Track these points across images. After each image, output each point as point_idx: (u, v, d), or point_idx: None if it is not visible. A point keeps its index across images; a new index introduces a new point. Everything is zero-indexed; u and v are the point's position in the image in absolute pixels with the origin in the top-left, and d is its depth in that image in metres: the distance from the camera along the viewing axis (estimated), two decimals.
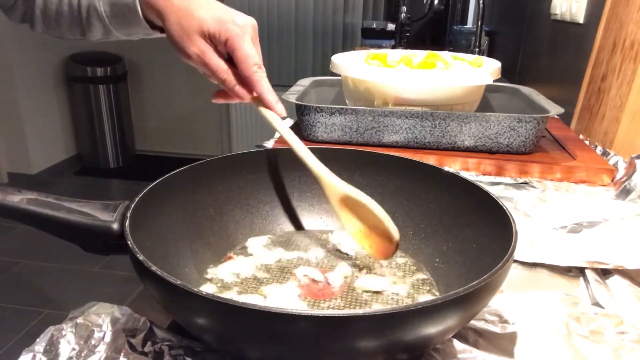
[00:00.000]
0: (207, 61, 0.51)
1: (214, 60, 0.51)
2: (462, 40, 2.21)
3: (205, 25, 0.50)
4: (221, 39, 0.50)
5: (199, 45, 0.51)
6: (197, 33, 0.50)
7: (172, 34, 0.52)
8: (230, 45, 0.50)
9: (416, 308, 0.30)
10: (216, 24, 0.50)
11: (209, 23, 0.50)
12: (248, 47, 0.51)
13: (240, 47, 0.50)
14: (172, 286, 0.32)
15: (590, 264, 0.51)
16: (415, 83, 0.81)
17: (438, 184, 0.52)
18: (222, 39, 0.50)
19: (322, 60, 3.04)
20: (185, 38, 0.51)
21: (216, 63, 0.51)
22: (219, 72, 0.51)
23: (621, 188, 0.69)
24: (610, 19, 0.91)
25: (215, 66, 0.51)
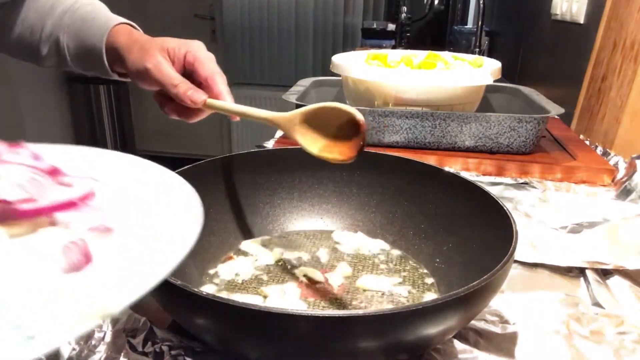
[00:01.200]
0: (162, 71, 0.51)
1: (169, 70, 0.51)
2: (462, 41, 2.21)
3: (166, 43, 0.53)
4: (180, 52, 0.52)
5: (156, 58, 0.51)
6: (156, 50, 0.52)
7: (132, 61, 0.53)
8: (189, 57, 0.52)
9: (416, 308, 0.30)
10: (176, 42, 0.53)
11: (169, 41, 0.53)
12: (207, 54, 0.53)
13: (199, 56, 0.52)
14: (173, 286, 0.32)
15: (590, 265, 0.51)
16: (415, 83, 0.81)
17: (438, 184, 0.52)
18: (181, 52, 0.52)
19: (322, 61, 3.04)
20: (143, 56, 0.52)
21: (170, 73, 0.51)
22: (173, 79, 0.51)
23: (621, 188, 0.69)
24: (611, 19, 0.91)
25: (169, 76, 0.51)
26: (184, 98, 0.51)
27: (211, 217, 0.52)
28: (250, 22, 3.00)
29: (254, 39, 3.04)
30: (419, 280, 0.49)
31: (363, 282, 0.48)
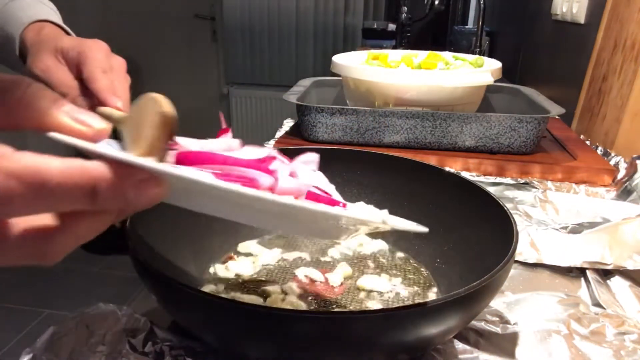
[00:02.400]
0: (50, 76, 0.45)
1: (57, 74, 0.45)
2: (462, 41, 2.21)
3: (61, 42, 0.46)
4: (74, 52, 0.45)
5: (45, 62, 0.45)
6: (49, 51, 0.46)
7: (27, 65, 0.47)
8: (82, 56, 0.45)
9: (417, 308, 0.30)
10: (72, 42, 0.46)
11: (65, 41, 0.46)
12: (98, 54, 0.45)
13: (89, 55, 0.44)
14: (173, 286, 0.32)
15: (591, 265, 0.51)
16: (416, 83, 0.80)
17: (439, 184, 0.52)
18: (75, 52, 0.45)
19: (322, 61, 3.04)
20: (34, 60, 0.46)
21: (58, 77, 0.45)
22: (60, 86, 0.45)
23: (622, 188, 0.69)
24: (611, 20, 0.91)
25: (57, 80, 0.45)
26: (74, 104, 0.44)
27: (212, 217, 0.52)
28: (251, 22, 3.01)
29: (254, 39, 3.04)
30: (420, 281, 0.49)
31: (363, 282, 0.48)
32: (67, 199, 0.20)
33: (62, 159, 0.20)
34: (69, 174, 0.20)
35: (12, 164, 0.19)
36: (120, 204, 0.22)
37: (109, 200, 0.21)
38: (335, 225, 0.30)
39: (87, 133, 0.24)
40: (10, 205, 0.19)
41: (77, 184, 0.20)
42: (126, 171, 0.21)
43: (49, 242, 0.21)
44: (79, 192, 0.20)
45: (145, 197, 0.22)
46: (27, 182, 0.19)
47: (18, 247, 0.21)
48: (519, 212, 0.64)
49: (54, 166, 0.19)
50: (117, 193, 0.21)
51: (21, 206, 0.19)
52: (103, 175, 0.20)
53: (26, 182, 0.19)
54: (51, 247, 0.22)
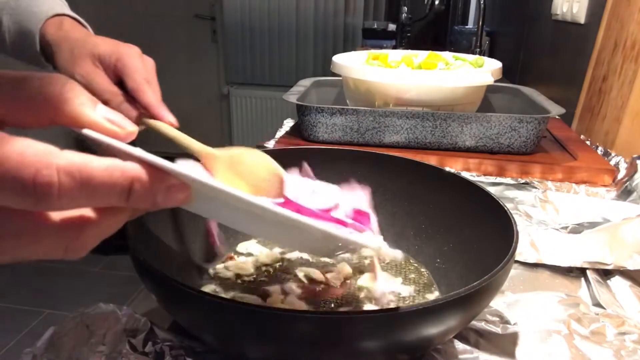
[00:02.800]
0: (91, 82, 0.47)
1: (98, 80, 0.47)
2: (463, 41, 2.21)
3: (97, 48, 0.48)
4: (112, 59, 0.48)
5: (85, 68, 0.48)
6: (87, 56, 0.48)
7: (61, 63, 0.49)
8: (120, 64, 0.47)
9: (417, 308, 0.30)
10: (109, 46, 0.48)
11: (101, 46, 0.48)
12: (137, 62, 0.47)
13: (129, 62, 0.47)
14: (173, 286, 0.32)
15: (591, 265, 0.51)
16: (416, 83, 0.80)
17: (439, 184, 0.52)
18: (112, 59, 0.48)
19: (322, 61, 3.04)
20: (72, 63, 0.48)
21: (100, 83, 0.47)
22: (103, 92, 0.47)
23: (622, 188, 0.69)
24: (612, 20, 0.91)
25: (99, 86, 0.47)
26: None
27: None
28: (251, 22, 3.01)
29: (254, 39, 3.04)
30: (420, 281, 0.49)
31: (363, 282, 0.48)
32: (106, 195, 0.22)
33: (102, 158, 0.21)
34: (111, 172, 0.21)
35: (62, 160, 0.20)
36: (148, 204, 0.23)
37: (140, 200, 0.23)
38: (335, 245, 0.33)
39: (119, 134, 0.25)
40: (59, 199, 0.20)
41: (117, 183, 0.22)
42: (160, 175, 0.23)
43: (80, 234, 0.23)
44: (117, 189, 0.22)
45: (171, 200, 0.24)
46: (76, 178, 0.20)
47: (52, 237, 0.22)
48: (519, 212, 0.64)
49: (98, 164, 0.21)
50: (149, 194, 0.23)
51: (67, 200, 0.21)
52: (140, 177, 0.22)
53: (75, 177, 0.20)
54: (81, 239, 0.23)
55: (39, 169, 0.20)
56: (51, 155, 0.20)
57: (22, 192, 0.20)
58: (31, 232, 0.22)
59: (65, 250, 0.23)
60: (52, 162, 0.20)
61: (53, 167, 0.20)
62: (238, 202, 0.26)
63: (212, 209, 0.30)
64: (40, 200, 0.20)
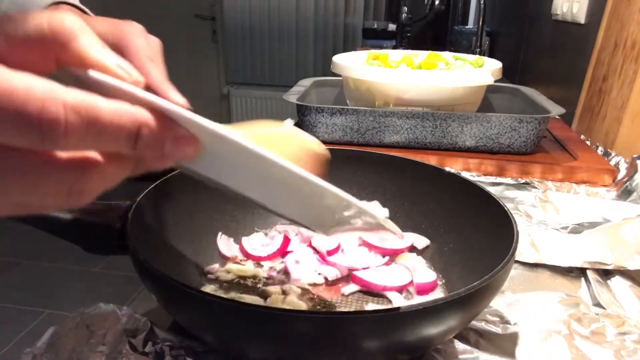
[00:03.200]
0: None
1: None
2: (463, 41, 2.21)
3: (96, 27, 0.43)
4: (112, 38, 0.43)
5: None
6: None
7: None
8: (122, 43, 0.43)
9: (417, 308, 0.30)
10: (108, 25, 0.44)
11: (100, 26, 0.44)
12: (140, 41, 0.43)
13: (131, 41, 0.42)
14: (173, 286, 0.31)
15: (591, 265, 0.51)
16: (416, 83, 0.80)
17: (439, 184, 0.52)
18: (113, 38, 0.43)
19: (323, 61, 3.05)
20: None
21: None
22: None
23: (622, 189, 0.69)
24: (612, 20, 0.91)
25: None
26: None
27: (211, 216, 0.52)
28: (251, 22, 3.01)
29: (254, 39, 3.04)
30: None
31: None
32: (113, 138, 0.21)
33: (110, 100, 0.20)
34: (119, 114, 0.20)
35: (69, 97, 0.19)
36: (155, 153, 0.22)
37: (147, 147, 0.22)
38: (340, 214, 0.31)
39: (126, 79, 0.24)
40: (65, 137, 0.19)
41: (125, 125, 0.21)
42: (169, 124, 0.22)
43: (85, 176, 0.22)
44: (125, 132, 0.21)
45: (179, 152, 0.23)
46: (84, 116, 0.19)
47: (57, 177, 0.21)
48: (519, 212, 0.64)
49: (106, 105, 0.20)
50: (156, 142, 0.22)
51: (74, 139, 0.20)
52: (148, 122, 0.21)
53: (82, 115, 0.19)
54: (86, 182, 0.22)
55: (45, 104, 0.19)
56: (58, 92, 0.19)
57: (26, 128, 0.19)
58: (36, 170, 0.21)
59: (68, 193, 0.21)
60: (59, 98, 0.19)
61: (60, 103, 0.19)
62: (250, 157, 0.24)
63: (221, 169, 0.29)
64: (46, 137, 0.19)
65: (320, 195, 0.28)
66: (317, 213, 0.32)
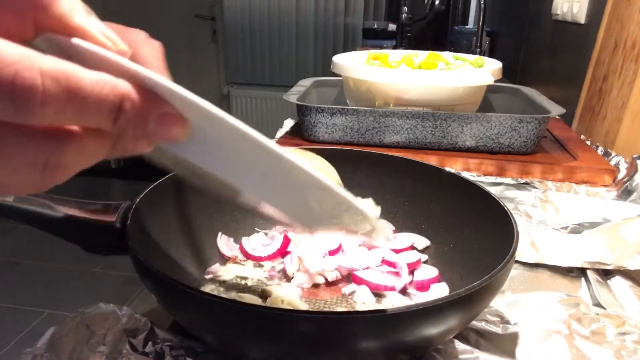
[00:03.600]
0: None
1: None
2: (463, 41, 2.21)
3: None
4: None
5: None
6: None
7: None
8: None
9: (417, 308, 0.30)
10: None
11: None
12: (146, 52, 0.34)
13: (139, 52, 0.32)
14: (173, 286, 0.31)
15: (591, 265, 0.51)
16: (416, 83, 0.80)
17: (439, 184, 0.52)
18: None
19: (323, 61, 3.04)
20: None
21: None
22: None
23: (622, 189, 0.69)
24: (612, 20, 0.90)
25: None
26: None
27: (211, 216, 0.52)
28: (251, 22, 3.01)
29: (254, 39, 3.04)
30: None
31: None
32: (94, 111, 0.19)
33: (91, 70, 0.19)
34: (101, 85, 0.19)
35: (46, 64, 0.17)
36: (137, 131, 0.21)
37: (129, 123, 0.20)
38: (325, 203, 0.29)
39: (111, 48, 0.22)
40: (41, 107, 0.17)
41: (106, 98, 0.19)
42: (155, 99, 0.20)
43: (63, 148, 0.20)
44: (106, 106, 0.19)
45: (164, 132, 0.21)
46: (63, 85, 0.18)
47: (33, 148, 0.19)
48: (519, 212, 0.64)
49: (87, 75, 0.18)
50: (139, 119, 0.20)
51: (51, 110, 0.18)
52: (130, 95, 0.20)
53: (62, 83, 0.18)
54: (63, 155, 0.20)
55: (19, 70, 0.17)
56: (34, 57, 0.17)
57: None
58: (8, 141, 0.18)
59: (44, 167, 0.19)
60: (35, 63, 0.17)
61: (36, 69, 0.17)
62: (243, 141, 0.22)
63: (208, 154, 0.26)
64: (20, 107, 0.17)
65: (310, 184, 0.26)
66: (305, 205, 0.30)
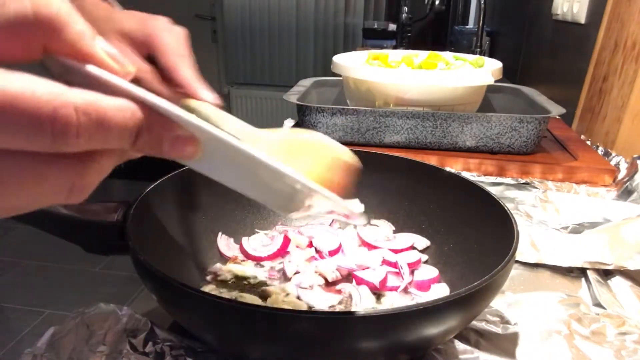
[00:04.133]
0: None
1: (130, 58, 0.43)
2: (463, 41, 2.21)
3: (123, 24, 0.44)
4: (140, 35, 0.44)
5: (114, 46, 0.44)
6: (112, 34, 0.44)
7: None
8: (150, 40, 0.43)
9: (417, 308, 0.30)
10: (135, 22, 0.44)
11: (127, 22, 0.44)
12: (168, 38, 0.44)
13: (159, 38, 0.43)
14: (173, 286, 0.31)
15: (591, 265, 0.51)
16: (416, 83, 0.80)
17: (439, 184, 0.52)
18: (141, 35, 0.44)
19: (323, 61, 3.04)
20: None
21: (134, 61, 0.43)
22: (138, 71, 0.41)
23: (623, 189, 0.69)
24: (612, 20, 0.90)
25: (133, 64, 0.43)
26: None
27: (212, 217, 0.52)
28: (251, 22, 3.01)
29: (254, 39, 3.04)
30: None
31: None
32: (117, 136, 0.20)
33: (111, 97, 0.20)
34: (123, 112, 0.20)
35: (78, 99, 0.19)
36: (152, 151, 0.23)
37: (145, 145, 0.22)
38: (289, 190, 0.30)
39: (119, 72, 0.23)
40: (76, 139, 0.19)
41: (128, 124, 0.20)
42: (169, 124, 0.22)
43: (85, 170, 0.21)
44: (127, 132, 0.21)
45: (177, 152, 0.23)
46: (93, 118, 0.19)
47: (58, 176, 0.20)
48: (519, 212, 0.64)
49: (110, 103, 0.20)
50: (155, 142, 0.22)
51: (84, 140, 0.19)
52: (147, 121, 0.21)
53: (92, 117, 0.19)
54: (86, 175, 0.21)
55: (57, 107, 0.18)
56: (67, 94, 0.19)
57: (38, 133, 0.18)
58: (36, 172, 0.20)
59: (70, 191, 0.21)
60: (69, 100, 0.19)
61: (70, 106, 0.19)
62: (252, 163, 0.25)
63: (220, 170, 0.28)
64: (57, 141, 0.19)
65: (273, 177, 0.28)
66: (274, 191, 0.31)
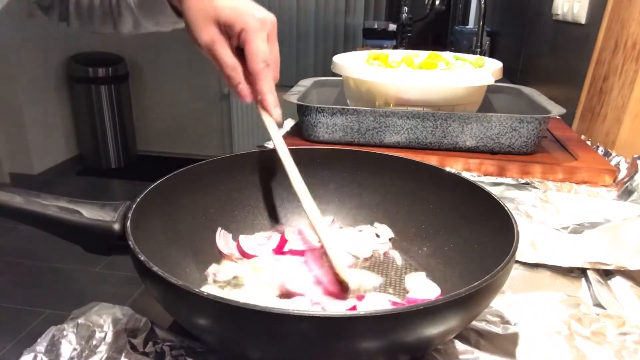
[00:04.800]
0: (215, 52, 0.48)
1: (222, 52, 0.48)
2: (463, 41, 2.21)
3: (222, 13, 0.48)
4: (236, 29, 0.48)
5: (210, 34, 0.48)
6: (211, 20, 0.48)
7: (188, 19, 0.49)
8: (243, 37, 0.47)
9: (417, 308, 0.30)
10: (233, 14, 0.48)
11: (226, 12, 0.48)
12: (260, 42, 0.48)
13: (252, 41, 0.47)
14: (173, 286, 0.31)
15: (592, 265, 0.51)
16: (416, 83, 0.80)
17: (439, 184, 0.52)
18: (236, 29, 0.48)
19: (323, 61, 3.04)
20: (199, 24, 0.48)
21: (224, 56, 0.48)
22: (225, 66, 0.48)
23: (623, 189, 0.69)
24: (612, 20, 0.90)
25: (223, 59, 0.48)
26: (235, 90, 0.48)
27: (211, 217, 0.52)
28: None
29: None
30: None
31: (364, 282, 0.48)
32: None
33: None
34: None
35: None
36: None
37: None
38: None
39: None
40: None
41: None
42: None
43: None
44: None
45: None
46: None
47: None
48: (519, 212, 0.64)
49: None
50: None
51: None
52: None
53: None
54: None
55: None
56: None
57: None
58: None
59: None
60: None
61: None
62: None
63: None
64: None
65: None
66: None
